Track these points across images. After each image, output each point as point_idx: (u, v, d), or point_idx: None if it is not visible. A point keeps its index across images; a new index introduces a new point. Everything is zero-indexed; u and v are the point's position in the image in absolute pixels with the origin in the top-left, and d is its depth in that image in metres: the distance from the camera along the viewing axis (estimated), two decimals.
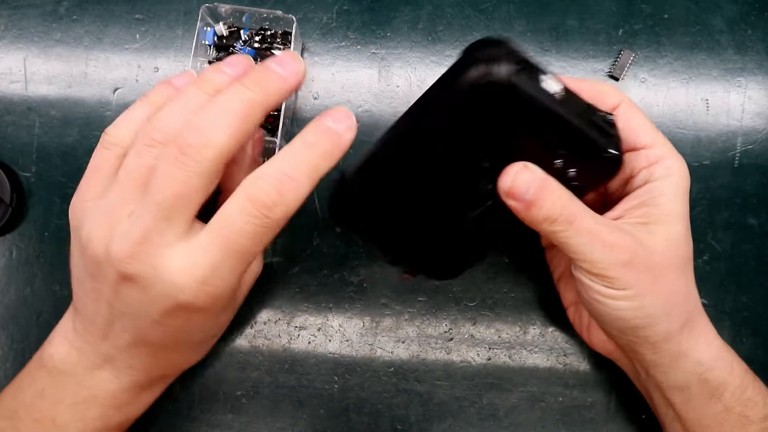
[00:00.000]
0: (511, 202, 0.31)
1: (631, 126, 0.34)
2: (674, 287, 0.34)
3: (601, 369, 0.43)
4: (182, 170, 0.27)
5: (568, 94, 0.30)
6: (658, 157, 0.33)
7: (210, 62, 0.44)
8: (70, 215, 0.32)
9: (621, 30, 0.46)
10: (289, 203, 0.28)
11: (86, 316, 0.32)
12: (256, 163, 0.34)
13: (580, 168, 0.31)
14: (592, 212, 0.32)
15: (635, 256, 0.32)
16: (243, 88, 0.28)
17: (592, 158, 0.30)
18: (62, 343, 0.34)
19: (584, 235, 0.31)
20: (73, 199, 0.32)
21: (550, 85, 0.29)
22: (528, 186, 0.31)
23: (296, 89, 0.29)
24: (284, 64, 0.29)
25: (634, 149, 0.34)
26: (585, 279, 0.33)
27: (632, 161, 0.34)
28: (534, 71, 0.29)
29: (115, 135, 0.31)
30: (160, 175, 0.28)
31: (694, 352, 0.35)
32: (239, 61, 0.31)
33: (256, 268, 0.37)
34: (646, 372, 0.36)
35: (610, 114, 0.31)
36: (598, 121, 0.30)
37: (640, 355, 0.36)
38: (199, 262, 0.28)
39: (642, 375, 0.38)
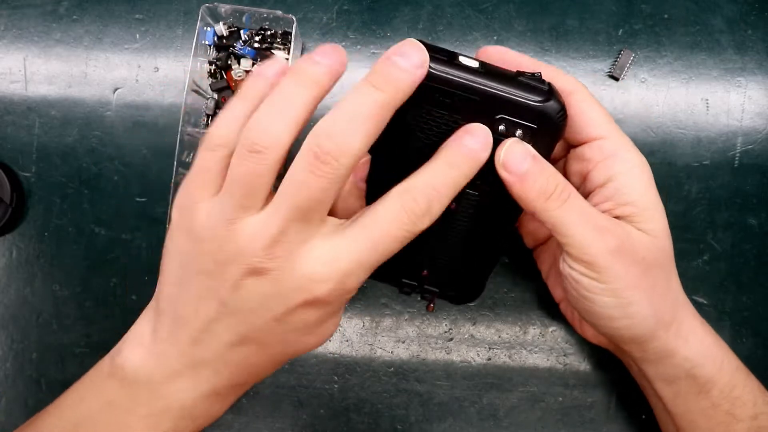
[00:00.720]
0: (504, 175, 0.31)
1: (584, 117, 0.33)
2: (659, 284, 0.34)
3: (601, 369, 0.43)
4: (320, 178, 0.27)
5: (488, 67, 0.31)
6: (613, 150, 0.33)
7: (210, 62, 0.44)
8: (176, 214, 0.31)
9: (621, 30, 0.46)
10: (434, 215, 0.30)
11: (178, 318, 0.31)
12: (358, 189, 0.35)
13: (524, 129, 0.31)
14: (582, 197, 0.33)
15: (623, 244, 0.32)
16: (373, 88, 0.28)
17: (525, 114, 0.30)
18: (136, 350, 0.32)
19: (577, 213, 0.31)
20: (180, 199, 0.31)
21: (467, 61, 0.30)
22: (523, 158, 0.31)
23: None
24: (407, 55, 0.28)
25: (587, 141, 0.34)
26: (572, 272, 0.33)
27: (587, 153, 0.34)
28: (452, 56, 0.31)
29: (218, 136, 0.30)
30: (296, 183, 0.28)
31: (683, 350, 0.35)
32: (331, 50, 0.30)
33: None
34: (637, 365, 0.37)
35: (537, 72, 0.31)
36: (524, 80, 0.31)
37: (628, 352, 0.36)
38: (343, 256, 0.29)
39: (633, 368, 0.38)
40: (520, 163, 0.31)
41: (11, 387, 0.43)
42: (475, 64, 0.31)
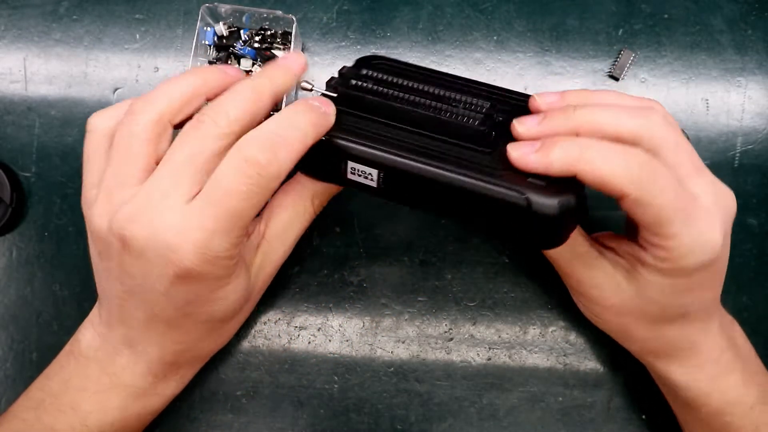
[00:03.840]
0: None
1: (640, 219, 0.30)
2: (670, 332, 0.35)
3: (601, 369, 0.43)
4: (196, 135, 0.29)
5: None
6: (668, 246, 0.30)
7: (210, 62, 0.44)
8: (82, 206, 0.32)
9: (621, 30, 0.46)
10: (282, 163, 0.28)
11: (105, 301, 0.33)
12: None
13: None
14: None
15: (623, 310, 0.35)
16: (251, 77, 0.31)
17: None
18: (88, 329, 0.34)
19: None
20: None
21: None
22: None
23: (298, 77, 0.33)
24: (288, 57, 0.32)
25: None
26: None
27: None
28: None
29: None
30: (175, 143, 0.29)
31: (688, 383, 0.35)
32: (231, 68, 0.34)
33: (278, 255, 0.35)
34: None
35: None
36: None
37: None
38: (193, 224, 0.28)
39: None
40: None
41: (11, 387, 0.43)
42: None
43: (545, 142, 0.29)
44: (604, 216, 0.41)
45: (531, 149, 0.29)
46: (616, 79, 0.45)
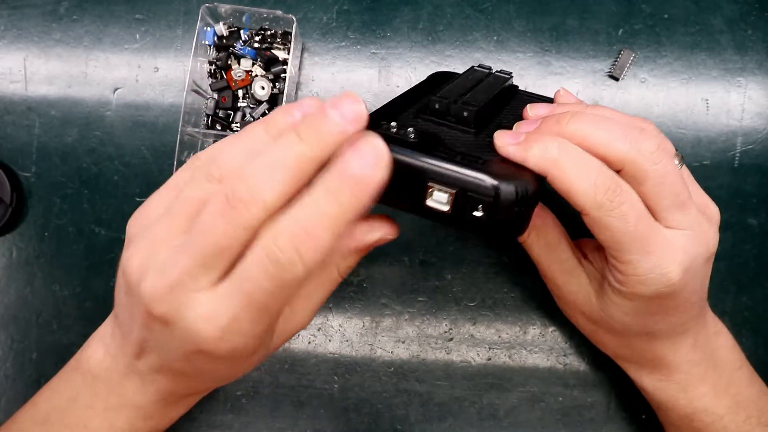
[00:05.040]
0: None
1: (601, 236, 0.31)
2: (638, 345, 0.37)
3: (601, 369, 0.43)
4: (228, 222, 0.26)
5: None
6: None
7: (210, 62, 0.44)
8: (127, 226, 0.31)
9: (621, 30, 0.46)
10: (308, 262, 0.26)
11: (123, 328, 0.32)
12: (358, 252, 0.33)
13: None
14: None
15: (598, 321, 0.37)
16: (297, 139, 0.26)
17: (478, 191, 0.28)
18: (99, 346, 0.33)
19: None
20: (136, 211, 0.31)
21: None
22: None
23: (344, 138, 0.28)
24: (342, 107, 0.26)
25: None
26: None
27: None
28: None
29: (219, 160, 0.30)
30: (206, 221, 0.27)
31: (660, 394, 0.37)
32: (311, 104, 0.29)
33: (300, 320, 0.34)
34: None
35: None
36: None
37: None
38: (220, 313, 0.27)
39: None
40: None
41: (11, 387, 0.43)
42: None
43: (529, 136, 0.30)
44: None
45: (514, 140, 0.30)
46: (616, 79, 0.45)
